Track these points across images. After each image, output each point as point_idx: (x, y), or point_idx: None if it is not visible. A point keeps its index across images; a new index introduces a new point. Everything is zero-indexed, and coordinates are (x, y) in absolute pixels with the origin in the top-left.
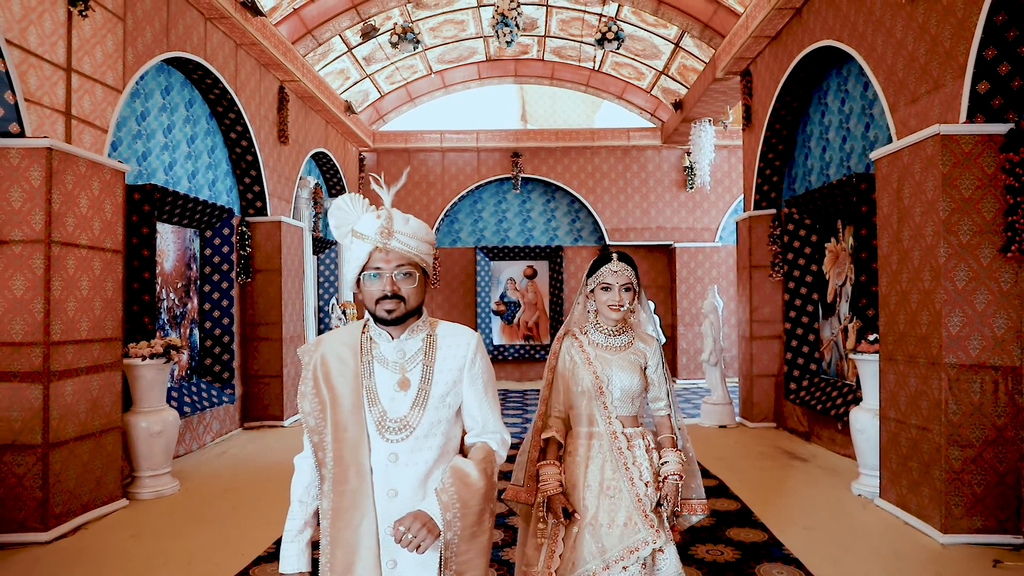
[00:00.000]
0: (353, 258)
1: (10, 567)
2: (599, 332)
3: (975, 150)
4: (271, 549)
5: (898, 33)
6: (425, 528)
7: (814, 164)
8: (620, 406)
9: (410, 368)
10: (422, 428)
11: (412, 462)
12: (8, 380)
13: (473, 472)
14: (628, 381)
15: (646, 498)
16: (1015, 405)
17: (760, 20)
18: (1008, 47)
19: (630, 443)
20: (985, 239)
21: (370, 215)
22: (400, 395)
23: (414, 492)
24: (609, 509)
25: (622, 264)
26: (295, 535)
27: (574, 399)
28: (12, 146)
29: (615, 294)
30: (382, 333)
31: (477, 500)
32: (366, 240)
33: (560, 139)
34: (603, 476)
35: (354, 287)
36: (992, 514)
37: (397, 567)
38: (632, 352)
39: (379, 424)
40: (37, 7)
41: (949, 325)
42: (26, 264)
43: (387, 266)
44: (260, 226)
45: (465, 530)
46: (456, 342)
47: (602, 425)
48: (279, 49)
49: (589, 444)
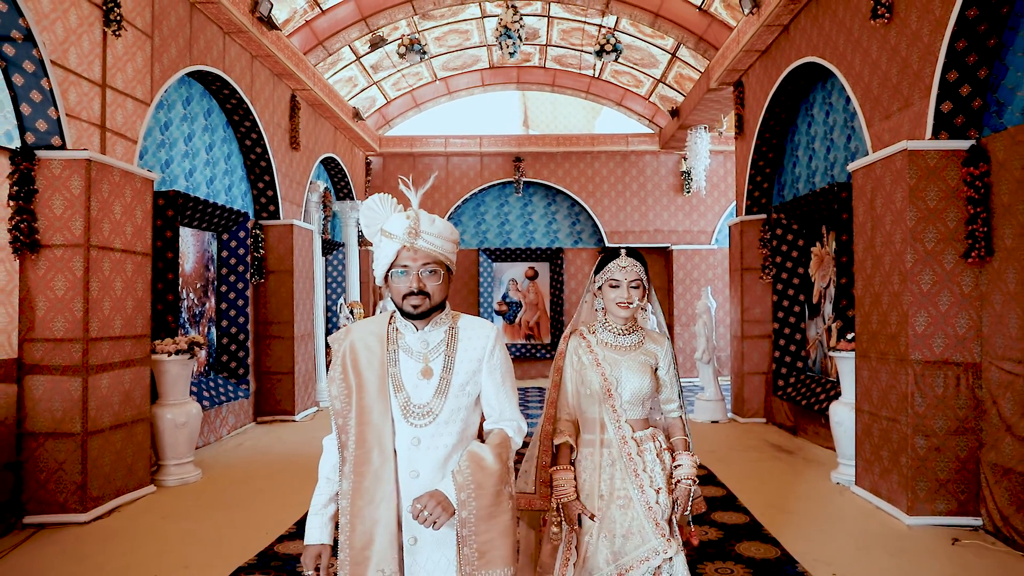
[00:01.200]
0: (382, 256)
1: (55, 544)
2: (608, 331)
3: (940, 164)
4: (292, 529)
5: (874, 53)
6: (440, 506)
7: (801, 172)
8: (630, 409)
9: (433, 358)
10: (444, 415)
11: (433, 446)
12: (50, 373)
13: (488, 456)
14: (638, 383)
15: (657, 506)
16: (975, 398)
17: (750, 35)
18: (969, 71)
19: (640, 448)
20: (948, 246)
21: (399, 215)
22: (423, 383)
23: (434, 473)
24: (621, 518)
25: (631, 260)
26: (320, 509)
27: (583, 402)
28: (54, 158)
29: (623, 291)
30: (407, 324)
31: (492, 482)
32: (394, 239)
33: (561, 144)
34: (613, 485)
35: (382, 283)
36: (954, 498)
37: (418, 543)
38: (642, 352)
39: (404, 409)
40: (77, 29)
41: (915, 324)
42: (67, 266)
43: (414, 264)
44: (273, 229)
45: (481, 510)
46: (476, 334)
47: (611, 430)
48: (292, 60)
49: (600, 452)
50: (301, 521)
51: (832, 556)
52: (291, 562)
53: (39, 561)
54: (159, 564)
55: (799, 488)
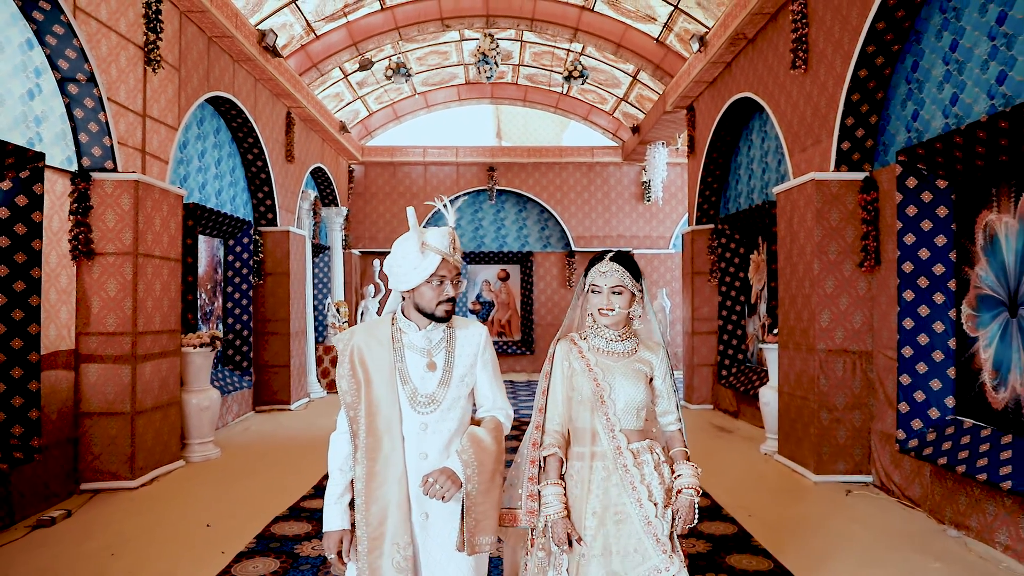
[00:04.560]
0: (423, 266)
1: (116, 504)
2: (600, 337)
3: (840, 191)
4: (310, 492)
5: (794, 96)
6: (450, 480)
7: (743, 188)
8: (624, 418)
9: (435, 353)
10: (446, 402)
11: (438, 430)
12: (104, 362)
13: (486, 438)
14: (632, 391)
15: (656, 520)
16: (867, 379)
17: (700, 69)
18: (862, 117)
19: (637, 459)
20: (847, 257)
21: (437, 232)
22: (429, 375)
23: (440, 455)
24: (618, 535)
25: (612, 265)
26: (337, 499)
27: (574, 411)
28: (108, 179)
29: (604, 297)
30: (411, 324)
31: (491, 460)
32: (438, 253)
33: (532, 155)
34: (608, 500)
35: (409, 290)
36: (851, 459)
37: (429, 519)
38: (636, 360)
39: (411, 399)
40: (126, 68)
41: (821, 320)
42: (119, 271)
43: (449, 275)
44: (270, 235)
45: (481, 484)
46: (470, 333)
47: (605, 441)
48: (290, 82)
49: (592, 465)
50: (318, 485)
51: (752, 505)
52: (316, 514)
53: (108, 516)
54: (209, 515)
55: (733, 458)
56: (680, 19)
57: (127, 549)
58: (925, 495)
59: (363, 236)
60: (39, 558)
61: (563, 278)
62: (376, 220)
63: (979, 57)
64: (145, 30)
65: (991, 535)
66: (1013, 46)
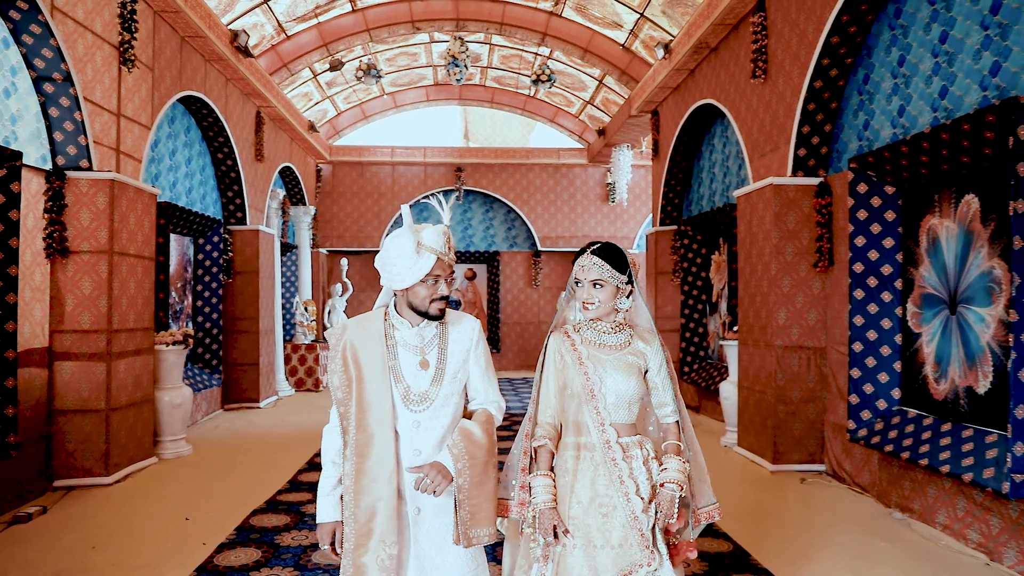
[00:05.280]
0: (417, 266)
1: (91, 500)
2: (593, 329)
3: (797, 196)
4: (285, 487)
5: (754, 104)
6: (440, 474)
7: (704, 191)
8: (614, 412)
9: (428, 351)
10: (439, 400)
11: (431, 427)
12: (79, 359)
13: (477, 431)
14: (623, 384)
15: (642, 515)
16: (821, 374)
17: (664, 75)
18: (817, 126)
19: (626, 454)
20: (803, 258)
21: (432, 231)
22: (422, 373)
23: (434, 451)
24: (602, 528)
25: (593, 258)
26: (330, 491)
27: (566, 403)
28: (83, 177)
29: (585, 290)
30: (404, 322)
31: (482, 453)
32: (433, 253)
33: (499, 156)
34: (595, 491)
35: (403, 288)
36: (805, 449)
37: (421, 513)
38: (630, 352)
39: (404, 397)
40: (101, 68)
41: (778, 318)
42: (93, 269)
43: (443, 273)
44: (240, 234)
45: (474, 477)
46: (463, 328)
47: (595, 434)
48: (260, 81)
49: (579, 455)
50: (293, 479)
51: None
52: (293, 506)
53: (84, 512)
54: (187, 510)
55: None
56: (646, 26)
57: (108, 543)
58: (873, 481)
59: (331, 235)
60: (19, 553)
61: (529, 277)
62: (344, 219)
63: (924, 72)
64: (120, 30)
65: (932, 516)
66: (953, 63)
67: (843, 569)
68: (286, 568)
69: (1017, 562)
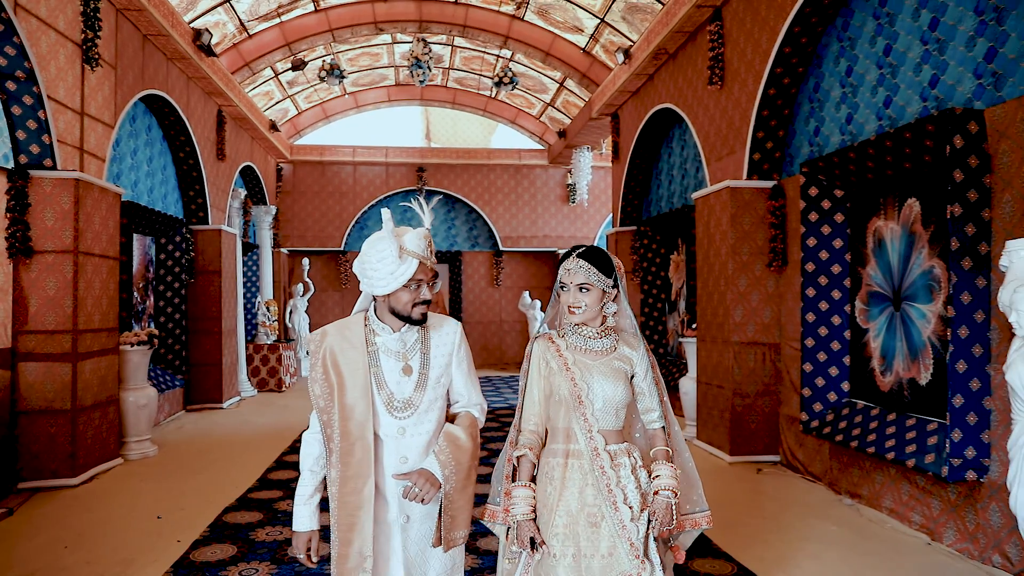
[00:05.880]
0: (399, 271)
1: (58, 502)
2: (577, 335)
3: (752, 198)
4: (255, 484)
5: (711, 110)
6: (428, 483)
7: (663, 193)
8: (602, 418)
9: (411, 356)
10: (423, 405)
11: (417, 433)
12: (43, 360)
13: (462, 436)
14: (611, 390)
15: (631, 525)
16: (775, 369)
17: (624, 80)
18: (771, 131)
19: (614, 461)
20: (758, 258)
21: (414, 234)
22: (405, 379)
23: (420, 457)
24: (591, 537)
25: (579, 261)
26: (307, 499)
27: (552, 410)
28: (47, 176)
29: (570, 294)
30: (385, 327)
31: (467, 458)
32: (416, 257)
33: (460, 157)
34: (583, 500)
35: (386, 294)
36: (761, 441)
37: (410, 521)
38: (616, 358)
39: (388, 404)
40: (64, 66)
41: (735, 315)
42: (58, 270)
43: (425, 277)
44: (202, 233)
45: (458, 483)
46: (444, 331)
47: (582, 441)
48: (222, 80)
49: (566, 463)
50: (263, 477)
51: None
52: (265, 503)
53: (53, 513)
54: (158, 509)
55: None
56: (606, 32)
57: (81, 542)
58: (824, 470)
59: (292, 235)
60: None
61: (491, 277)
62: (305, 219)
63: (869, 82)
64: (83, 28)
65: (879, 501)
66: (896, 75)
67: (797, 551)
68: (263, 562)
69: (955, 540)
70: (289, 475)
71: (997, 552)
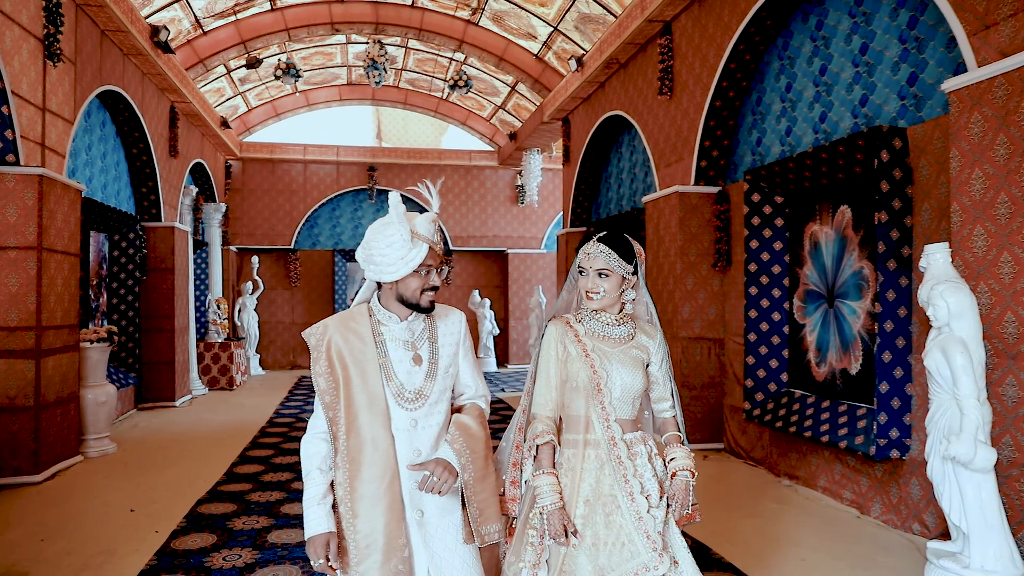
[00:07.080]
0: (410, 256)
1: (22, 499)
2: (596, 321)
3: (699, 202)
4: (223, 478)
5: (661, 118)
6: (446, 471)
7: (613, 196)
8: (620, 407)
9: (420, 346)
10: (434, 396)
11: (428, 425)
12: (6, 357)
13: (473, 424)
14: (630, 379)
15: (648, 516)
16: (720, 362)
17: (576, 87)
18: (717, 140)
19: (631, 450)
20: (704, 259)
21: (424, 218)
22: (416, 369)
23: (432, 449)
24: (606, 527)
25: (599, 246)
26: (319, 500)
27: (568, 397)
28: (8, 172)
29: (589, 280)
30: (392, 316)
31: (481, 446)
32: (427, 241)
33: (411, 157)
34: (600, 490)
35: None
36: (707, 430)
37: (425, 517)
38: (634, 346)
39: (398, 396)
40: (27, 62)
41: (683, 312)
42: (21, 266)
43: (435, 263)
44: (155, 230)
45: (477, 471)
46: (451, 320)
47: (599, 430)
48: (177, 77)
49: (584, 454)
50: (229, 471)
51: None
52: (237, 495)
53: (20, 509)
54: (130, 503)
55: None
56: (559, 39)
57: (56, 535)
58: (765, 455)
59: (241, 233)
60: None
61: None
62: (255, 217)
63: (807, 99)
64: (45, 23)
65: (814, 481)
66: (831, 93)
67: (743, 527)
68: (244, 548)
69: (881, 513)
70: (256, 468)
71: (917, 521)
